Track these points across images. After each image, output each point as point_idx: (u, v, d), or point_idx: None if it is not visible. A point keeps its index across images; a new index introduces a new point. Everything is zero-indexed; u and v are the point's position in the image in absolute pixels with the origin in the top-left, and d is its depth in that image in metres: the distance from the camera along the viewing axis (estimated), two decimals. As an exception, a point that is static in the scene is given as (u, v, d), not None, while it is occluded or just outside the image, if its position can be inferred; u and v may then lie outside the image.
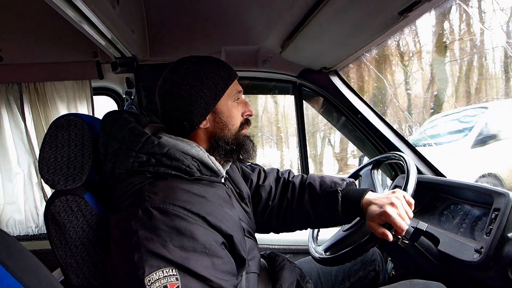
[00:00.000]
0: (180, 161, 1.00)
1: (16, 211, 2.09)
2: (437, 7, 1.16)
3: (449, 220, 1.42)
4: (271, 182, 1.42)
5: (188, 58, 1.12)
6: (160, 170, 0.98)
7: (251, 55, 1.87)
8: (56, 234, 1.03)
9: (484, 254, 1.11)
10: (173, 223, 0.89)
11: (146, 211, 0.90)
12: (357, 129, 1.92)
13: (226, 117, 1.12)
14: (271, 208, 1.39)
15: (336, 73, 1.92)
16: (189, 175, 1.01)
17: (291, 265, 1.32)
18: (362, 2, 1.16)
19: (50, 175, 1.03)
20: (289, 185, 1.40)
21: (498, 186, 1.78)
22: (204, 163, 1.07)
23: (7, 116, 2.02)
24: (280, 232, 1.44)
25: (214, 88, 1.08)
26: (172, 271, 0.84)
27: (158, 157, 0.98)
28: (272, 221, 1.40)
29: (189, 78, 1.07)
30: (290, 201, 1.37)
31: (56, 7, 0.95)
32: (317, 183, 1.34)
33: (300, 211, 1.34)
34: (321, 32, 1.43)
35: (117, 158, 1.00)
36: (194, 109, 1.07)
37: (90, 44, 1.44)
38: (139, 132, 1.01)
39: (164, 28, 1.65)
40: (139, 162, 0.98)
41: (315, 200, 1.32)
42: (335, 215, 1.26)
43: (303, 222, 1.37)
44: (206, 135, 1.12)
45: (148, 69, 1.81)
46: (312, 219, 1.33)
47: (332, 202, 1.27)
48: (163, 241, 0.86)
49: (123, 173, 0.99)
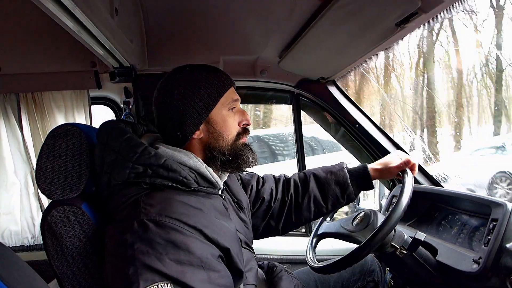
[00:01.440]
0: (177, 172, 0.98)
1: (12, 222, 2.07)
2: (434, 18, 1.17)
3: (447, 230, 1.42)
4: (271, 185, 1.44)
5: (182, 67, 1.11)
6: (156, 181, 0.97)
7: (249, 65, 1.88)
8: (53, 245, 1.02)
9: (482, 265, 1.11)
10: (168, 236, 0.88)
11: (142, 224, 0.88)
12: (355, 138, 1.92)
13: (221, 127, 1.09)
14: (272, 210, 1.41)
15: (334, 83, 1.93)
16: (186, 187, 1.00)
17: (289, 276, 1.31)
18: (360, 14, 1.17)
19: (47, 185, 1.03)
20: (290, 181, 1.45)
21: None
22: (201, 174, 1.05)
23: (4, 126, 2.00)
24: (283, 233, 1.46)
25: (206, 98, 1.06)
26: (167, 286, 0.82)
27: (155, 168, 0.96)
28: (272, 222, 1.42)
29: (181, 88, 1.06)
30: (295, 196, 1.42)
31: (55, 17, 0.96)
32: (319, 170, 1.45)
33: (308, 201, 1.40)
34: (318, 42, 1.44)
35: (113, 169, 0.98)
36: (186, 119, 1.05)
37: (88, 53, 1.45)
38: (135, 143, 0.99)
39: (163, 38, 1.65)
40: (135, 173, 0.96)
41: (322, 183, 1.41)
42: (346, 190, 1.39)
43: (311, 212, 1.41)
44: (201, 145, 1.10)
45: (146, 79, 1.81)
46: (321, 203, 1.41)
47: (341, 177, 1.40)
48: (159, 254, 0.85)
49: (119, 184, 0.98)
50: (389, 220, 1.09)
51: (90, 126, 1.19)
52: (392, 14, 1.13)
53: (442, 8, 1.07)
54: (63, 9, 0.92)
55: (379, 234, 1.08)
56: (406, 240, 1.18)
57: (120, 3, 1.24)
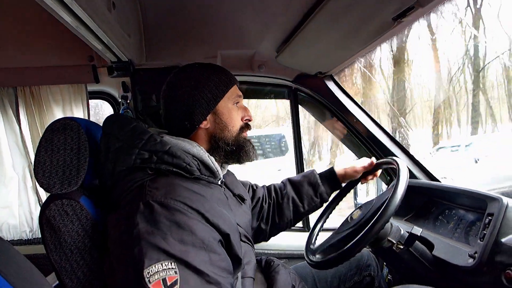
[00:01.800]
0: (181, 159, 1.02)
1: (10, 216, 2.07)
2: (431, 12, 1.17)
3: (443, 225, 1.43)
4: (262, 190, 1.54)
5: (191, 64, 1.19)
6: (161, 167, 1.01)
7: (246, 60, 1.87)
8: (51, 238, 1.03)
9: (478, 259, 1.12)
10: (173, 217, 0.90)
11: (148, 205, 0.91)
12: (352, 133, 1.92)
13: (227, 118, 1.16)
14: (263, 210, 1.49)
15: (331, 78, 1.93)
16: (189, 173, 1.04)
17: (286, 270, 1.32)
18: (357, 8, 1.17)
19: (46, 178, 1.03)
20: (271, 187, 1.59)
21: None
22: (204, 162, 1.09)
23: (2, 120, 2.00)
24: (271, 236, 1.54)
25: (215, 90, 1.14)
26: (171, 265, 0.85)
27: (160, 154, 1.01)
28: (263, 224, 1.49)
29: (191, 80, 1.14)
30: (276, 198, 1.52)
31: (52, 11, 0.95)
32: (293, 176, 1.60)
33: (287, 202, 1.52)
34: (316, 37, 1.44)
35: (118, 157, 1.02)
36: (195, 108, 1.12)
37: (86, 48, 1.44)
38: (142, 130, 1.04)
39: (160, 33, 1.65)
40: (141, 159, 1.00)
41: (297, 185, 1.54)
42: (317, 190, 1.52)
43: (291, 212, 1.52)
44: (206, 135, 1.16)
45: (144, 73, 1.81)
46: (298, 203, 1.52)
47: (312, 179, 1.53)
48: (163, 234, 0.88)
49: (123, 170, 1.01)
50: (383, 214, 1.09)
51: (88, 120, 1.19)
52: (389, 8, 1.14)
53: (438, 2, 1.07)
54: (61, 3, 0.92)
55: (374, 228, 1.08)
56: (403, 235, 1.19)
57: (117, -3, 1.23)
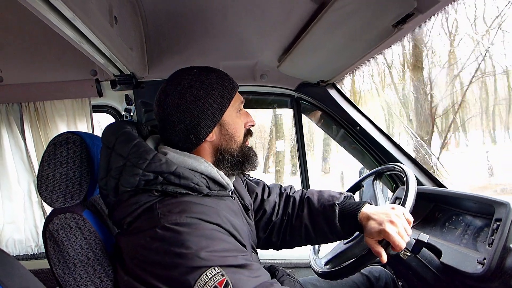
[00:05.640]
0: (189, 179, 0.98)
1: (15, 231, 2.08)
2: (431, 19, 1.17)
3: (451, 231, 1.41)
4: (275, 197, 1.41)
5: (189, 69, 1.09)
6: (168, 188, 0.96)
7: (249, 70, 1.88)
8: (55, 252, 1.02)
9: (487, 266, 1.10)
10: (197, 232, 0.90)
11: (167, 229, 0.89)
12: (356, 141, 1.92)
13: (232, 129, 1.10)
14: (273, 223, 1.37)
15: (333, 86, 1.93)
16: (198, 193, 1.00)
17: (291, 280, 1.29)
18: (356, 16, 1.17)
19: (49, 193, 1.04)
20: (290, 199, 1.39)
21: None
22: (213, 178, 1.05)
23: (7, 136, 2.03)
24: (280, 248, 1.42)
25: (220, 99, 1.05)
26: (215, 270, 0.85)
27: (166, 175, 0.96)
28: (273, 237, 1.38)
29: (194, 89, 1.04)
30: (291, 216, 1.36)
31: (55, 28, 0.97)
32: (315, 197, 1.33)
33: (300, 227, 1.33)
34: (317, 45, 1.45)
35: (121, 175, 0.97)
36: (201, 121, 1.03)
37: (89, 62, 1.46)
38: (145, 149, 0.98)
39: (162, 45, 1.67)
40: (145, 181, 0.95)
41: (313, 214, 1.31)
42: (334, 229, 1.25)
43: (302, 238, 1.34)
44: (211, 148, 1.09)
45: (147, 86, 1.83)
46: (311, 234, 1.32)
47: (330, 215, 1.26)
48: (195, 251, 0.87)
49: (127, 191, 0.97)
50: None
51: (91, 134, 1.20)
52: (388, 15, 1.13)
53: (438, 8, 1.06)
54: (63, 19, 0.93)
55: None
56: (410, 242, 1.17)
57: (119, 12, 1.25)
